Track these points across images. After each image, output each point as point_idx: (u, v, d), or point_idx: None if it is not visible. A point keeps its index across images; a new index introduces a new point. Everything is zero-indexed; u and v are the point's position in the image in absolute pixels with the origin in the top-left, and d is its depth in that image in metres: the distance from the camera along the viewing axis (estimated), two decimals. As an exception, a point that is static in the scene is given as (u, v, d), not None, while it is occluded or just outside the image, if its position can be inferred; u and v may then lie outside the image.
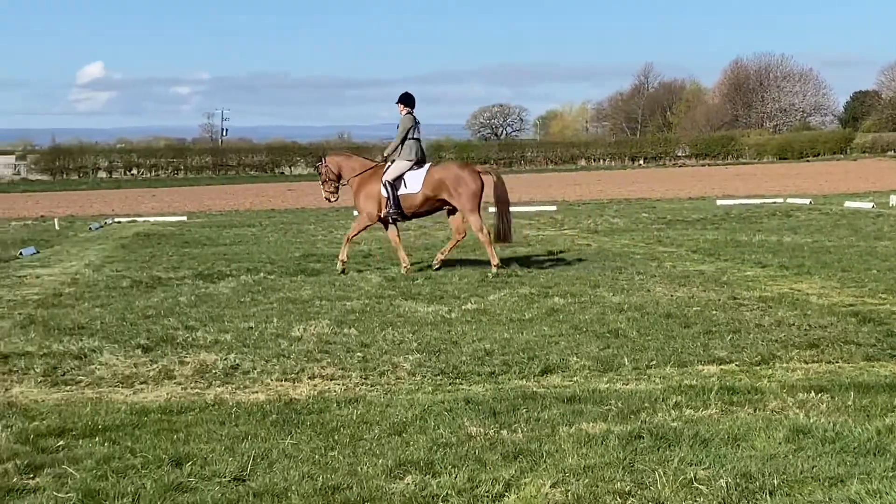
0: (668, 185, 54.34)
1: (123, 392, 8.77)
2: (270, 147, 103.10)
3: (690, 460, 6.37)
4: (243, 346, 10.43)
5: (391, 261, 18.12)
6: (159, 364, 9.67)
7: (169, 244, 23.13)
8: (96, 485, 6.14)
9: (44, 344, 10.66)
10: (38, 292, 14.90)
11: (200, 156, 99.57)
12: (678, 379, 8.74)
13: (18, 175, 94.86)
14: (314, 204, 41.71)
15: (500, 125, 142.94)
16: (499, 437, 6.99)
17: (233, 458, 6.61)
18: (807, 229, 23.66)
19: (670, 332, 10.75)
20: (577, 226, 26.65)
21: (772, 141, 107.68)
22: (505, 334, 10.80)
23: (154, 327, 11.52)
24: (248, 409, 7.91)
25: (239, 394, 8.58)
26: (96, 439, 7.12)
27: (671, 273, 15.74)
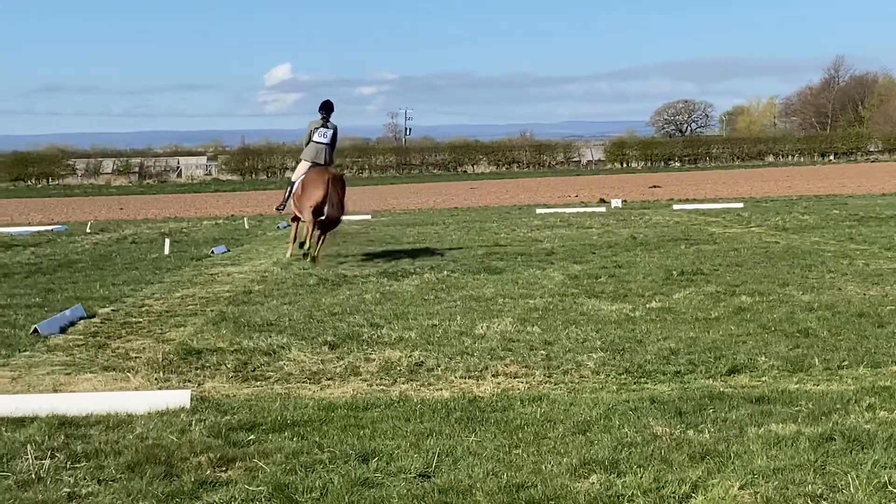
0: (860, 181, 52.77)
1: (311, 388, 8.94)
2: (453, 146, 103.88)
3: (885, 463, 6.17)
4: (427, 343, 10.53)
5: (573, 258, 18.07)
6: (345, 360, 9.84)
7: (354, 242, 23.51)
8: (285, 479, 6.28)
9: (234, 340, 10.95)
10: (229, 290, 15.33)
11: (384, 155, 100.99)
12: (871, 380, 8.48)
13: (210, 175, 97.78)
14: (496, 202, 41.88)
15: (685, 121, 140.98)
16: (685, 437, 6.90)
17: (418, 455, 6.68)
18: None
19: (863, 332, 10.45)
20: (765, 223, 26.08)
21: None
22: (690, 333, 10.65)
23: (340, 324, 11.73)
24: (433, 405, 7.97)
25: (423, 391, 8.67)
26: (285, 434, 7.28)
27: (864, 271, 15.29)
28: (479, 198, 47.23)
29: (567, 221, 28.55)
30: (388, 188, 68.80)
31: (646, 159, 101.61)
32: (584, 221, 28.26)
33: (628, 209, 34.71)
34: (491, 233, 25.01)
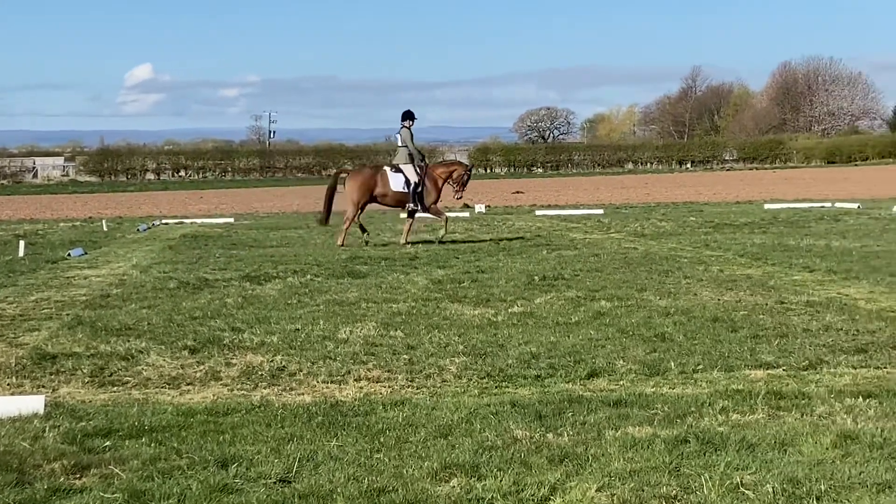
0: (716, 188, 54.04)
1: (170, 393, 8.84)
2: (318, 149, 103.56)
3: (737, 465, 6.34)
4: (290, 347, 10.48)
5: (437, 263, 18.16)
6: (206, 365, 9.74)
7: (216, 246, 23.27)
8: (142, 485, 6.18)
9: (91, 345, 10.76)
10: (86, 293, 15.04)
11: (248, 158, 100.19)
12: (725, 383, 8.70)
13: (67, 176, 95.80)
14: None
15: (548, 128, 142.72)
16: (544, 440, 6.99)
17: (278, 460, 6.65)
18: (855, 234, 23.46)
19: (717, 337, 10.71)
20: (624, 229, 26.57)
21: (820, 145, 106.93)
22: (551, 338, 10.79)
23: (201, 329, 11.60)
24: (294, 410, 7.94)
25: (285, 395, 8.63)
26: (142, 440, 7.17)
27: (718, 277, 15.67)
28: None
29: (431, 227, 28.65)
30: (252, 191, 68.24)
31: (509, 165, 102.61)
32: (447, 226, 28.37)
33: (492, 214, 35.00)
34: (355, 237, 24.98)
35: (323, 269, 17.51)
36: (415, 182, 22.70)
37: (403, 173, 22.78)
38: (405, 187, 22.70)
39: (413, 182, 22.69)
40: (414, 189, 22.69)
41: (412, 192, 22.68)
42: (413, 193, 22.69)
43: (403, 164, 22.87)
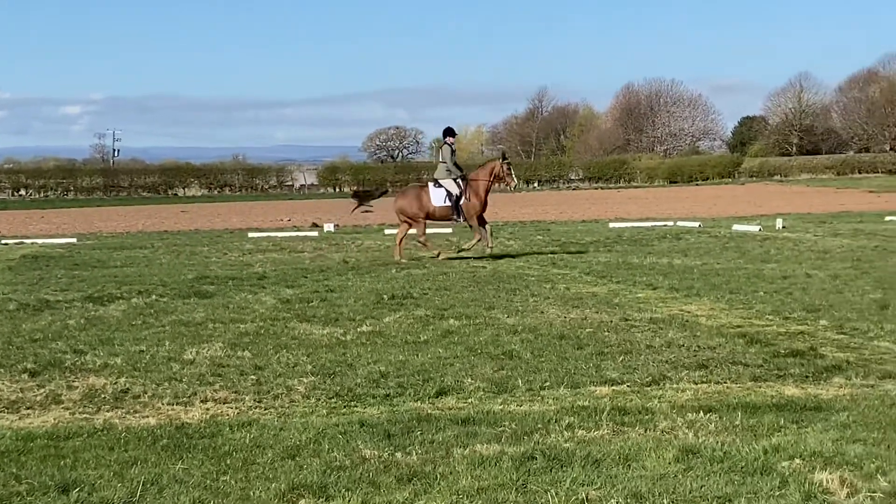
0: (562, 207, 54.82)
1: (9, 417, 8.58)
2: (163, 168, 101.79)
3: (582, 481, 6.43)
4: (134, 369, 10.29)
5: (285, 283, 18.03)
6: (46, 389, 9.49)
7: (58, 266, 22.69)
8: (-20, 512, 6.00)
9: (-73, 368, 10.39)
10: (-78, 315, 14.51)
11: (91, 177, 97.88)
12: (571, 400, 8.82)
13: None
14: (208, 225, 41.33)
15: (397, 147, 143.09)
16: (393, 459, 6.98)
17: (122, 485, 6.51)
18: (696, 252, 24.03)
19: (563, 354, 10.85)
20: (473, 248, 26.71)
21: (662, 165, 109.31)
22: (400, 356, 10.80)
23: (41, 351, 11.31)
24: (138, 433, 7.79)
25: (129, 418, 8.45)
26: (-20, 466, 6.95)
27: (565, 295, 15.89)
28: (190, 221, 46.49)
29: (279, 245, 28.46)
30: (95, 210, 66.80)
31: (358, 184, 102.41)
32: (296, 245, 28.25)
33: (341, 234, 34.92)
34: (202, 257, 24.66)
35: (169, 289, 17.23)
36: (456, 194, 23.24)
37: (444, 188, 23.36)
38: (447, 200, 23.30)
39: (455, 195, 23.24)
40: (456, 201, 23.23)
41: (454, 204, 23.26)
42: (455, 206, 23.25)
43: (443, 180, 23.44)
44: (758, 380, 9.60)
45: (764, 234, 30.80)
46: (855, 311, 13.57)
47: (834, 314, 13.40)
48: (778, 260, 21.56)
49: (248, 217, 49.69)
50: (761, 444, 7.14)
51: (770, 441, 7.22)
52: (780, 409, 8.24)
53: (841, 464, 6.65)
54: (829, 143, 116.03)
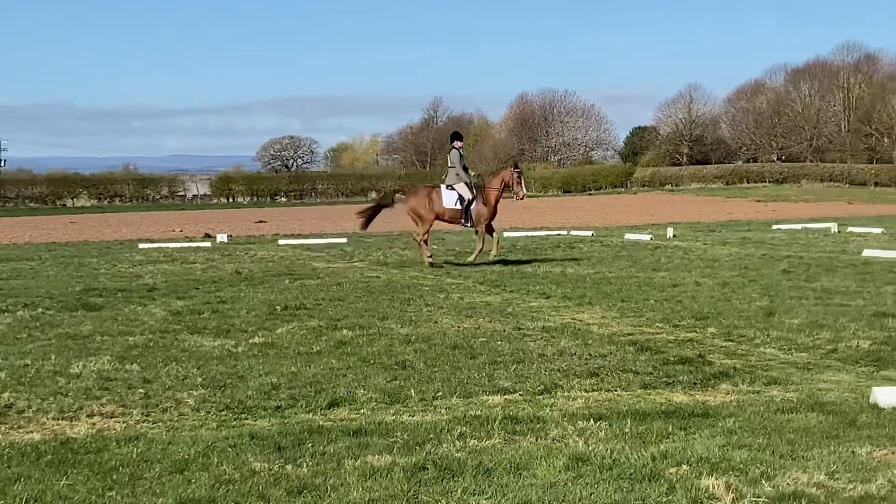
0: (457, 217, 54.88)
1: None
2: (51, 178, 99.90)
3: (473, 490, 6.43)
4: (18, 384, 10.06)
5: (176, 294, 17.81)
6: (-73, 404, 9.23)
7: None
8: None
9: None
10: None
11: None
12: (463, 409, 8.83)
13: None
14: (97, 237, 40.68)
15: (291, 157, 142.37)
16: (283, 472, 6.92)
17: (4, 502, 6.35)
18: (589, 261, 24.28)
19: (456, 363, 10.87)
20: (367, 258, 26.72)
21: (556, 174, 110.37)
22: (292, 368, 10.73)
23: (-77, 366, 11.00)
24: (22, 449, 7.62)
25: (12, 434, 8.26)
26: None
27: (458, 304, 15.93)
28: (79, 232, 45.71)
29: (171, 256, 28.10)
30: (-19, 221, 65.38)
31: (252, 194, 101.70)
32: (188, 256, 27.91)
33: (234, 244, 34.60)
34: (90, 268, 24.23)
35: (56, 301, 16.90)
36: (469, 199, 23.45)
37: (456, 191, 23.58)
38: (458, 204, 23.54)
39: (466, 199, 23.45)
40: (467, 206, 23.45)
41: (465, 208, 23.48)
42: (465, 210, 23.48)
43: (456, 184, 23.66)
44: (647, 387, 9.71)
45: (655, 242, 31.22)
46: (742, 319, 13.80)
47: (722, 321, 13.61)
48: (668, 268, 21.86)
49: (138, 228, 49.05)
50: (650, 450, 7.21)
51: (658, 448, 7.29)
52: (668, 416, 8.33)
53: (727, 469, 6.74)
54: (718, 153, 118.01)
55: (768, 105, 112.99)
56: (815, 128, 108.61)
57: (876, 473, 6.64)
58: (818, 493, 6.25)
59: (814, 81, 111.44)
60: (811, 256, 24.36)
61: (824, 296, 16.21)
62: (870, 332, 12.47)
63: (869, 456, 7.08)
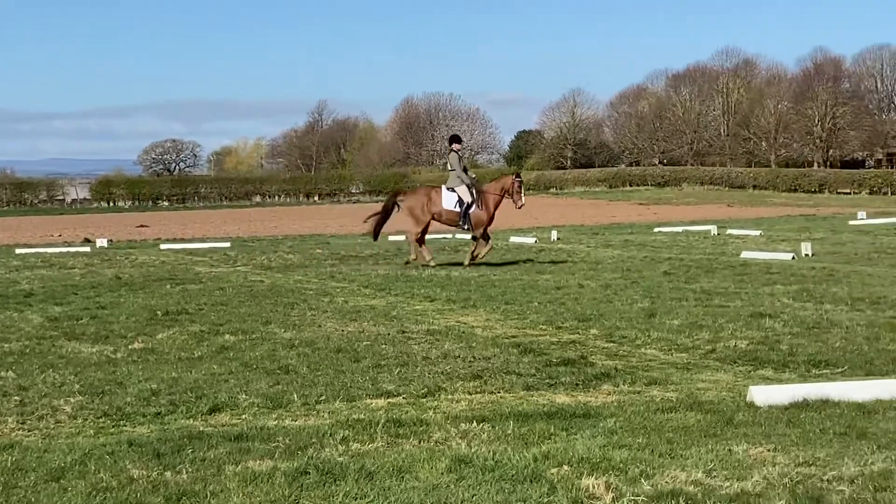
0: (342, 221, 54.84)
1: None
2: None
3: (356, 494, 6.40)
4: None
5: (53, 300, 17.46)
6: None
7: None
8: None
9: None
10: None
11: None
12: (346, 413, 8.78)
13: None
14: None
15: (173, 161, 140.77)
16: (162, 479, 6.81)
17: None
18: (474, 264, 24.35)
19: (340, 367, 10.82)
20: (251, 262, 26.50)
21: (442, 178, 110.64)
22: (173, 373, 10.57)
23: None
24: None
25: None
26: None
27: (343, 308, 15.87)
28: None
29: (49, 262, 27.57)
30: None
31: (133, 198, 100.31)
32: (66, 262, 27.41)
33: (115, 249, 34.07)
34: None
35: (-72, 308, 16.44)
36: (468, 202, 23.47)
37: (457, 193, 23.58)
38: (457, 206, 23.52)
39: (466, 202, 23.46)
40: (466, 209, 23.44)
41: (463, 211, 23.46)
42: (464, 214, 23.47)
43: (457, 187, 23.67)
44: (530, 389, 9.76)
45: (539, 245, 31.49)
46: (624, 320, 13.97)
47: (604, 323, 13.76)
48: (552, 271, 22.06)
49: (16, 233, 48.06)
50: (532, 451, 7.24)
51: (540, 448, 7.33)
52: (550, 417, 8.39)
53: (607, 469, 6.80)
54: (601, 157, 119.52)
55: (650, 109, 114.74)
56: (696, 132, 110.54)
57: (752, 471, 6.76)
58: (695, 491, 6.34)
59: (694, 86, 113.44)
60: (691, 258, 24.78)
61: (704, 297, 16.48)
62: (747, 333, 12.71)
63: (745, 453, 7.20)
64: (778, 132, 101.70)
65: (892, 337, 12.17)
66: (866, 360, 10.83)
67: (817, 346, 11.71)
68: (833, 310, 14.64)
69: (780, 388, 9.06)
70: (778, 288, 17.57)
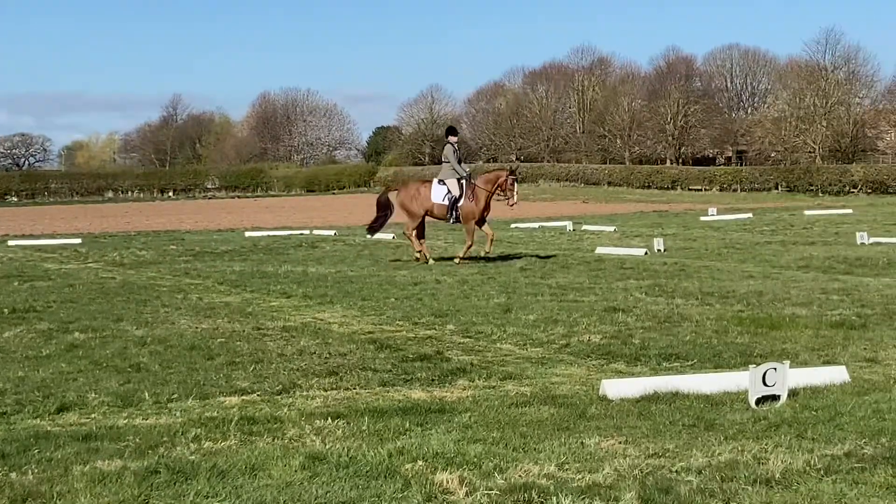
0: (198, 217, 54.19)
1: None
2: None
3: (207, 493, 6.31)
4: None
5: None
6: None
7: None
8: None
9: None
10: None
11: None
12: (199, 411, 8.66)
13: None
14: None
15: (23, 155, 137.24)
16: (7, 480, 6.62)
17: None
18: (331, 260, 24.30)
19: (193, 365, 10.67)
20: (103, 259, 25.94)
21: (300, 174, 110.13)
22: (19, 372, 10.31)
23: None
24: None
25: None
26: None
27: (197, 305, 15.66)
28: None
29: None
30: None
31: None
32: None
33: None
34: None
35: None
36: (456, 196, 23.19)
37: (447, 186, 23.33)
38: (446, 200, 23.25)
39: (454, 196, 23.18)
40: (453, 202, 23.18)
41: (451, 204, 23.18)
42: (451, 207, 23.19)
43: (448, 179, 23.41)
44: (386, 385, 9.75)
45: (397, 241, 31.49)
46: (480, 316, 14.05)
47: (461, 319, 13.82)
48: (410, 266, 22.08)
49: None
50: (387, 447, 7.23)
51: (395, 444, 7.33)
52: (406, 413, 8.39)
53: (461, 463, 6.83)
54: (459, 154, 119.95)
55: (507, 106, 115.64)
56: (552, 129, 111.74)
57: (603, 463, 6.86)
58: (548, 484, 6.40)
59: (550, 84, 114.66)
60: (547, 254, 25.04)
61: (559, 292, 16.67)
62: (601, 327, 12.90)
63: (597, 446, 7.30)
64: (632, 129, 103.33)
65: (740, 330, 12.47)
66: (715, 352, 11.08)
67: (668, 339, 11.94)
68: (684, 304, 14.94)
69: (632, 382, 9.22)
70: (631, 283, 17.88)
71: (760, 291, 16.19)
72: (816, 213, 47.43)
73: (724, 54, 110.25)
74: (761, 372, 8.57)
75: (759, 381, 8.57)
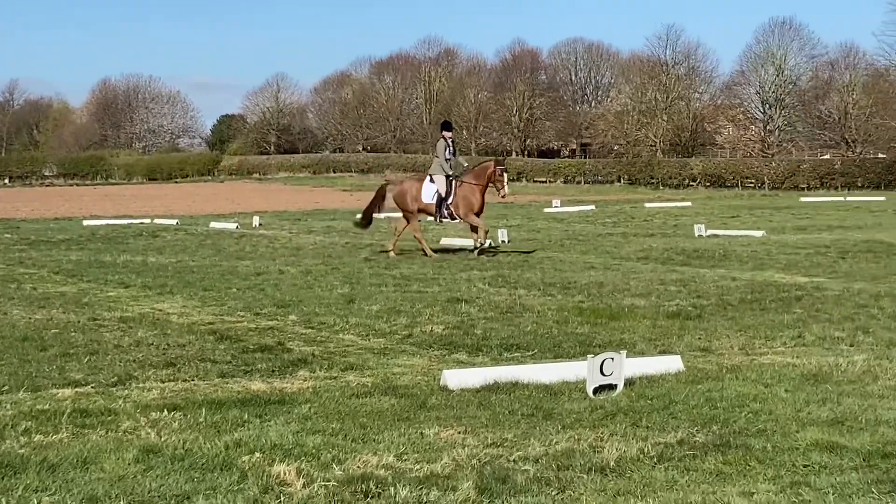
0: (34, 205, 52.88)
1: None
2: None
3: (36, 487, 6.12)
4: None
5: None
6: None
7: None
8: None
9: None
10: None
11: None
12: (30, 404, 8.39)
13: None
14: None
15: None
16: None
17: None
18: (172, 249, 23.94)
19: (25, 356, 10.37)
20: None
21: (141, 161, 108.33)
22: None
23: None
24: None
25: None
26: None
27: (31, 295, 15.24)
28: None
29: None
30: None
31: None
32: None
33: None
34: None
35: None
36: (442, 195, 22.55)
37: (435, 184, 22.73)
38: (434, 198, 22.66)
39: (441, 195, 22.54)
40: (439, 201, 22.54)
41: (437, 203, 22.57)
42: (438, 204, 22.58)
43: (436, 175, 22.75)
44: (225, 376, 9.60)
45: (241, 231, 31.20)
46: (323, 306, 13.97)
47: (303, 309, 13.72)
48: (253, 257, 21.90)
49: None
50: (224, 439, 7.13)
51: (233, 436, 7.22)
52: (244, 405, 8.27)
53: (299, 455, 6.76)
54: (305, 143, 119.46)
55: (354, 96, 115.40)
56: (399, 119, 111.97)
57: (441, 453, 6.86)
58: (386, 475, 6.38)
59: (397, 74, 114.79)
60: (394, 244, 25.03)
61: (403, 282, 16.69)
62: (444, 318, 12.94)
63: (436, 436, 7.31)
64: (478, 121, 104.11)
65: (580, 321, 12.64)
66: (555, 343, 11.21)
67: (510, 330, 12.04)
68: (526, 295, 15.09)
69: (473, 372, 9.25)
70: (475, 273, 18.00)
71: (601, 282, 16.45)
72: (657, 205, 48.51)
73: (569, 48, 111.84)
74: (599, 362, 8.69)
75: (597, 370, 8.69)
